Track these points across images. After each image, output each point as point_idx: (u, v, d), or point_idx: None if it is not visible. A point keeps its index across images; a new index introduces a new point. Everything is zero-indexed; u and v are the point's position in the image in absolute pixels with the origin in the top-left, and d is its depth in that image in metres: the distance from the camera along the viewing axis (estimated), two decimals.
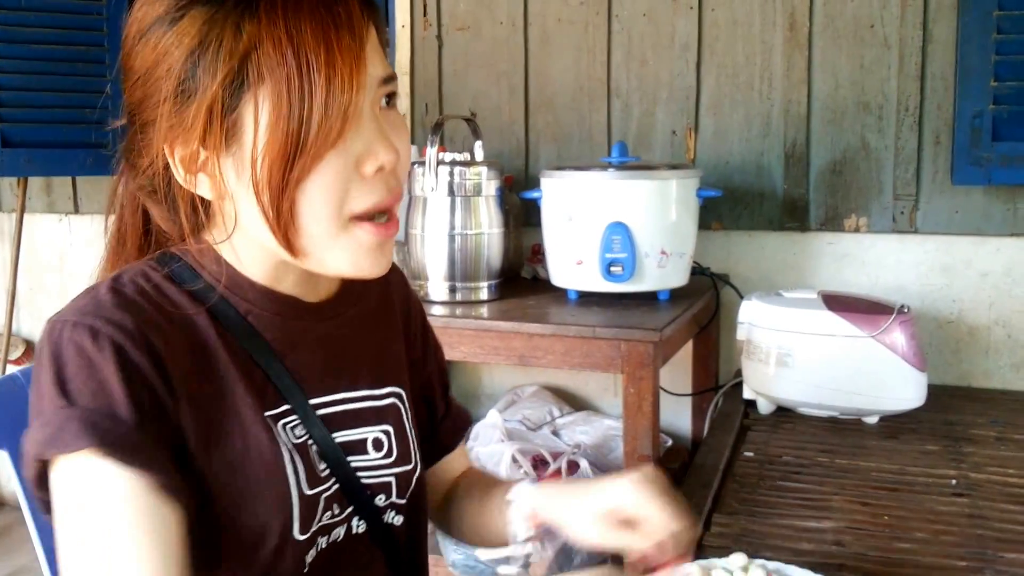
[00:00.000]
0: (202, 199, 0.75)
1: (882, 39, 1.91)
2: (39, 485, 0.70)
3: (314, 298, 0.82)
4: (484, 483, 1.00)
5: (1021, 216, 1.86)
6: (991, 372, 1.93)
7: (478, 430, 2.01)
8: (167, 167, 0.73)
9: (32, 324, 2.82)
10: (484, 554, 0.93)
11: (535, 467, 1.82)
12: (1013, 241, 1.88)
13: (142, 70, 0.71)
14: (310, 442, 0.78)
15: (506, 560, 0.95)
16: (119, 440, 0.67)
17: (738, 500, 1.26)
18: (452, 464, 1.03)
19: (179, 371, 0.71)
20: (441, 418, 1.00)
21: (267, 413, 0.76)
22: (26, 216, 2.61)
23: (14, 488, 0.98)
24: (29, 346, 2.80)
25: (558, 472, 1.80)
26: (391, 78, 0.74)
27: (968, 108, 1.79)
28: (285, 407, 0.77)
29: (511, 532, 0.88)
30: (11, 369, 2.69)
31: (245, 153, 0.69)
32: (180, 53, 0.68)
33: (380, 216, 0.74)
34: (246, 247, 0.77)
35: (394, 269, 0.95)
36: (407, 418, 0.88)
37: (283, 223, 0.70)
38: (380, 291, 0.92)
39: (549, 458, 1.84)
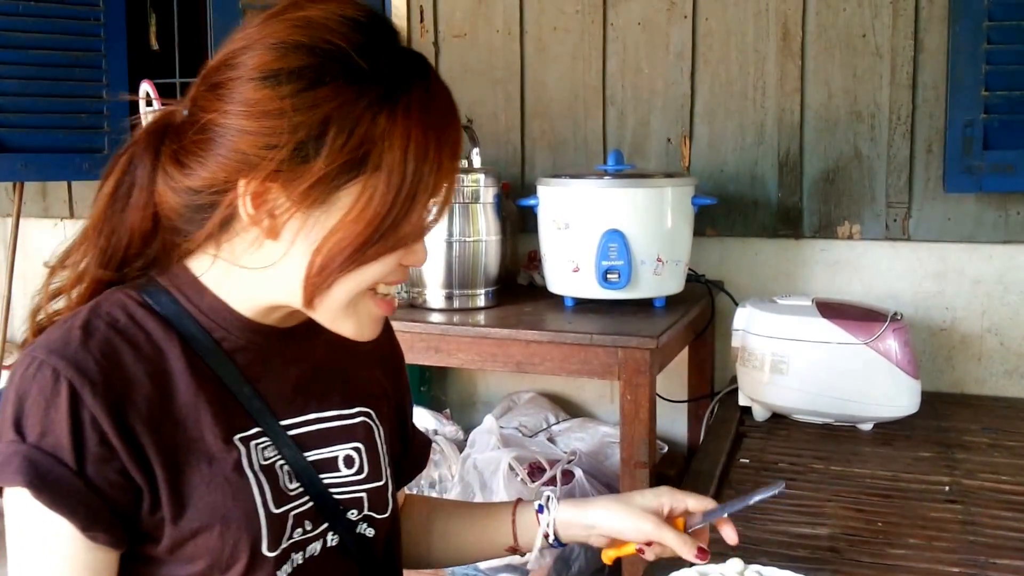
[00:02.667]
0: (229, 222, 0.78)
1: (874, 49, 1.92)
2: None
3: (288, 324, 0.86)
4: (456, 505, 1.10)
5: (1013, 223, 1.88)
6: (984, 379, 1.94)
7: (474, 437, 2.01)
8: (224, 189, 0.75)
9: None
10: (485, 563, 0.97)
11: (531, 474, 1.83)
12: (1005, 248, 1.90)
13: (255, 109, 0.72)
14: (280, 462, 0.82)
15: (506, 568, 1.00)
16: (52, 484, 0.71)
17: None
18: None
19: (142, 406, 0.75)
20: (410, 443, 1.05)
21: (237, 436, 0.80)
22: (21, 221, 2.61)
23: None
24: None
25: (553, 480, 1.81)
26: None
27: (960, 117, 1.81)
28: (255, 429, 0.81)
29: (539, 537, 0.99)
30: (6, 375, 2.68)
31: (327, 221, 0.74)
32: (313, 116, 0.71)
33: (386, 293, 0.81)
34: (247, 283, 0.80)
35: None
36: (378, 436, 0.92)
37: (316, 288, 0.76)
38: None
39: (546, 465, 1.84)
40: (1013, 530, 1.18)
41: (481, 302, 1.76)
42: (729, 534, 0.96)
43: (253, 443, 0.81)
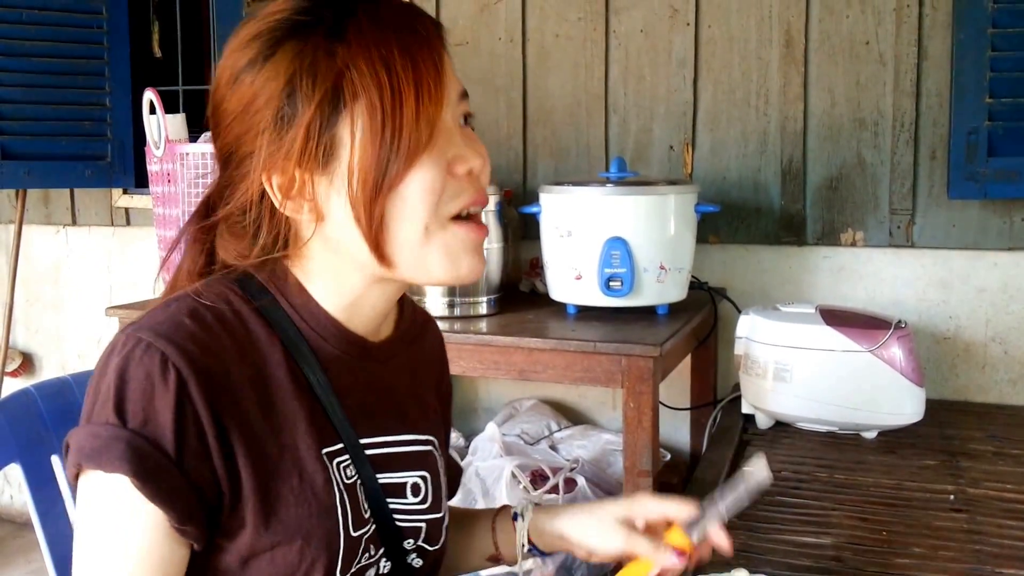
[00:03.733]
0: (287, 232, 0.78)
1: (877, 56, 1.92)
2: (76, 479, 0.74)
3: (375, 338, 0.84)
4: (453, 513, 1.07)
5: (1017, 230, 1.87)
6: (988, 387, 1.94)
7: (476, 444, 2.01)
8: (262, 197, 0.76)
9: (28, 336, 2.81)
10: (485, 572, 0.96)
11: (534, 482, 1.82)
12: (1009, 255, 1.89)
13: (238, 109, 0.74)
14: (359, 483, 0.80)
15: None
16: (155, 474, 0.69)
17: (738, 515, 1.25)
18: None
19: (241, 408, 0.73)
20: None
21: (324, 450, 0.77)
22: (24, 228, 2.61)
23: (7, 501, 0.99)
24: (25, 358, 2.79)
25: (555, 488, 1.80)
26: (466, 94, 0.80)
27: (963, 124, 1.80)
28: (339, 446, 0.79)
29: (519, 546, 0.96)
30: (8, 381, 2.68)
31: (342, 169, 0.73)
32: (277, 84, 0.72)
33: (471, 218, 0.78)
34: (329, 280, 0.79)
35: (435, 326, 1.01)
36: (441, 467, 0.91)
37: (375, 231, 0.73)
38: (427, 341, 0.96)
39: (548, 473, 1.84)
40: (1018, 539, 1.17)
41: (483, 310, 1.75)
42: (723, 544, 0.87)
43: (337, 460, 0.78)
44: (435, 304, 1.73)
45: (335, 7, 0.73)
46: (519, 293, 2.03)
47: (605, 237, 1.65)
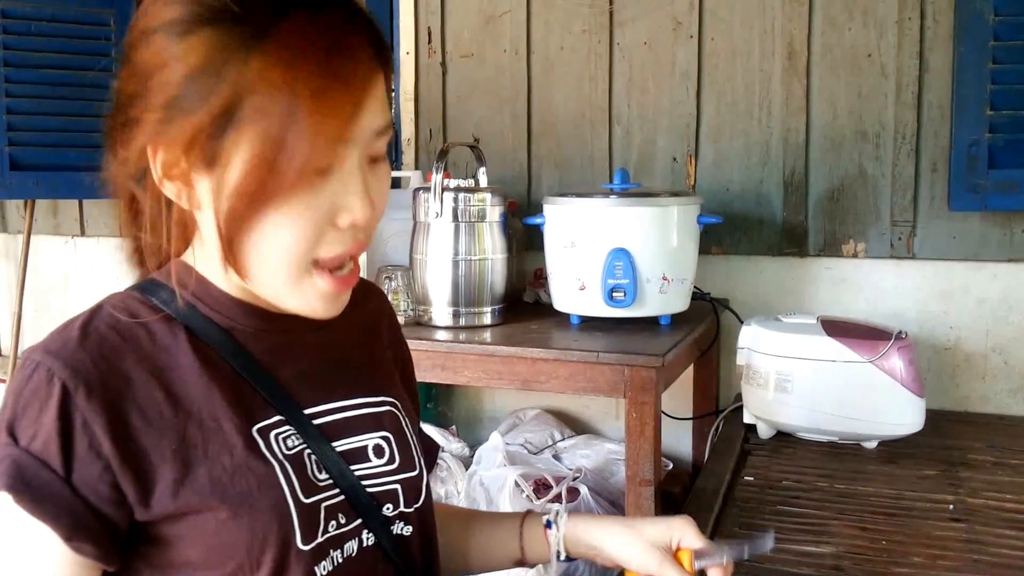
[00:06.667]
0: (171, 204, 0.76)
1: (879, 68, 1.94)
2: None
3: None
4: (466, 513, 1.06)
5: (1018, 242, 1.88)
6: (988, 397, 1.94)
7: (480, 453, 2.02)
8: (143, 163, 0.74)
9: None
10: None
11: (537, 491, 1.83)
12: (1010, 267, 1.90)
13: (140, 67, 0.72)
14: (307, 452, 0.79)
15: None
16: (36, 488, 0.69)
17: (739, 524, 1.28)
18: None
19: (144, 409, 0.73)
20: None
21: (257, 426, 0.77)
22: (32, 238, 2.63)
23: None
24: None
25: (558, 498, 1.81)
26: (387, 129, 0.75)
27: (964, 136, 1.81)
28: (276, 418, 0.78)
29: (552, 555, 0.97)
30: None
31: (221, 178, 0.70)
32: (181, 68, 0.69)
33: (339, 269, 0.76)
34: (218, 263, 0.77)
35: (379, 292, 1.00)
36: (406, 425, 0.89)
37: (235, 254, 0.72)
38: (368, 303, 0.95)
39: (552, 482, 1.85)
40: (1017, 549, 1.18)
41: (487, 320, 1.77)
42: None
43: (274, 432, 0.77)
44: (440, 314, 1.75)
45: (272, 5, 0.69)
46: (523, 304, 2.05)
47: (608, 248, 1.67)
